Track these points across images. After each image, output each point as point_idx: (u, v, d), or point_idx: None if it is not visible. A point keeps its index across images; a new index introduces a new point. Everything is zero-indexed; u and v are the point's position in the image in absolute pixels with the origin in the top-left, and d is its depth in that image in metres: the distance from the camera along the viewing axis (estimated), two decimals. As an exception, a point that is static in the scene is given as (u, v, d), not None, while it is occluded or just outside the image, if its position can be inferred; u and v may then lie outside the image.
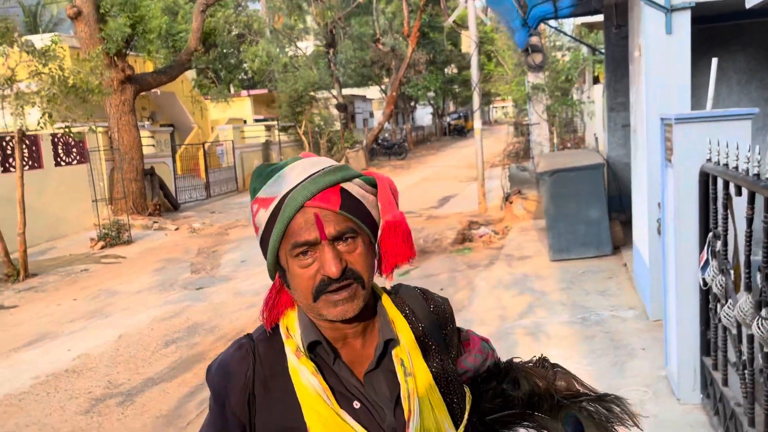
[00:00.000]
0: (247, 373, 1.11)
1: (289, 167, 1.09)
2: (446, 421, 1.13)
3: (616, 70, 8.90)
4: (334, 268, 1.02)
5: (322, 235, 1.03)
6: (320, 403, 1.06)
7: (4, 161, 11.15)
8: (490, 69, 33.83)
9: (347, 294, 1.04)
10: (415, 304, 1.22)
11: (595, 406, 1.28)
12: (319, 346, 1.10)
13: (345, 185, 1.07)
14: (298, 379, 1.08)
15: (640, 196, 5.50)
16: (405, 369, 1.11)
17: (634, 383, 4.07)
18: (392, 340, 1.13)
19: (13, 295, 8.37)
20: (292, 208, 1.04)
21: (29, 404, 4.95)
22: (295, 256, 1.05)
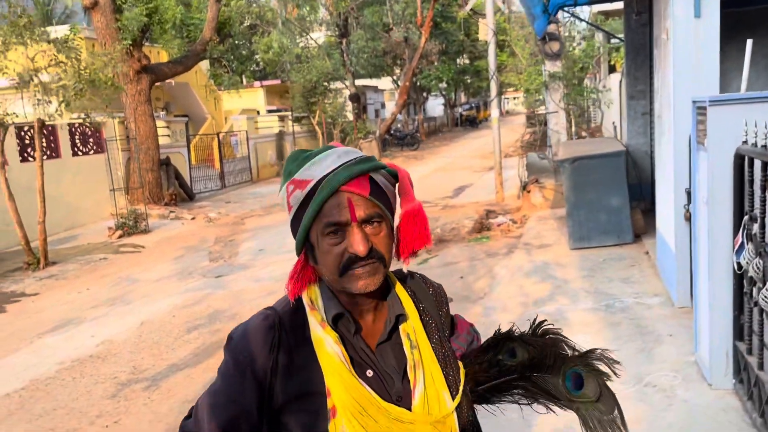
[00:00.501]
0: (273, 341, 1.19)
1: (324, 154, 1.19)
2: (445, 392, 1.23)
3: (635, 57, 8.81)
4: (362, 247, 1.13)
5: (353, 217, 1.14)
6: (343, 369, 1.16)
7: (23, 151, 11.23)
8: (502, 60, 33.62)
9: (370, 269, 1.15)
10: (417, 286, 1.34)
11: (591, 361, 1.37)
12: (342, 319, 1.20)
13: (373, 174, 1.18)
14: (321, 348, 1.17)
15: (665, 183, 5.45)
16: (411, 342, 1.23)
17: (663, 369, 4.04)
18: (402, 315, 1.24)
19: (34, 282, 8.45)
20: (327, 191, 1.14)
21: (56, 389, 5.00)
22: (326, 234, 1.15)
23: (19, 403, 4.78)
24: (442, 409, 1.22)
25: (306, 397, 1.17)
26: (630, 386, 3.87)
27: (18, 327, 6.67)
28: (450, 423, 1.23)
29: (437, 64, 32.35)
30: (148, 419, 4.36)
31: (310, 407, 1.17)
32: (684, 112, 4.53)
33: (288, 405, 1.19)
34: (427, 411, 1.20)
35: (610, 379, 1.37)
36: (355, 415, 1.15)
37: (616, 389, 1.33)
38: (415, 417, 1.19)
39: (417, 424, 1.19)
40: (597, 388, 1.35)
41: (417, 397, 1.20)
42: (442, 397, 1.23)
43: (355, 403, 1.16)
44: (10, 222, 9.59)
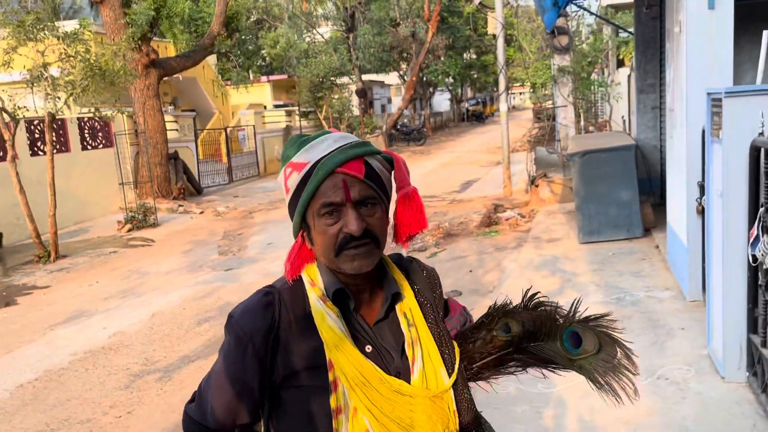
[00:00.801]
0: (273, 316, 1.21)
1: (321, 138, 1.24)
2: (442, 369, 1.27)
3: (645, 50, 8.77)
4: (357, 227, 1.16)
5: (347, 197, 1.18)
6: (345, 342, 1.19)
7: (33, 145, 11.28)
8: (509, 54, 33.49)
9: (364, 251, 1.18)
10: (411, 268, 1.38)
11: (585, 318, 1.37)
12: (342, 295, 1.24)
13: (368, 158, 1.22)
14: (322, 322, 1.20)
15: (677, 176, 5.43)
16: (408, 321, 1.27)
17: (675, 362, 4.04)
18: (398, 294, 1.28)
19: (45, 275, 8.50)
20: (323, 172, 1.18)
21: (69, 380, 5.04)
22: (322, 215, 1.19)
23: (33, 393, 4.82)
24: (439, 385, 1.25)
25: (307, 371, 1.20)
26: (643, 379, 3.87)
27: (30, 319, 6.72)
28: (447, 399, 1.26)
29: (444, 59, 32.28)
30: (161, 410, 4.39)
31: (312, 381, 1.20)
32: (697, 105, 4.51)
33: (289, 380, 1.21)
34: (425, 386, 1.23)
35: (608, 330, 1.35)
36: (358, 385, 1.18)
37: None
38: (415, 391, 1.22)
39: (416, 398, 1.22)
40: (595, 340, 1.34)
41: (416, 373, 1.23)
42: (439, 373, 1.26)
43: (358, 374, 1.18)
44: (20, 216, 9.65)
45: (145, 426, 4.17)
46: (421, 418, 1.21)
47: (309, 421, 1.20)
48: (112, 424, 4.22)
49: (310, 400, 1.20)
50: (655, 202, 8.16)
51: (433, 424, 1.22)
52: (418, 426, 1.21)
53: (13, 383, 5.03)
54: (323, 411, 1.19)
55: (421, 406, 1.22)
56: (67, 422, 4.30)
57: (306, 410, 1.21)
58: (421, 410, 1.22)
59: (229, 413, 1.26)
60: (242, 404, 1.25)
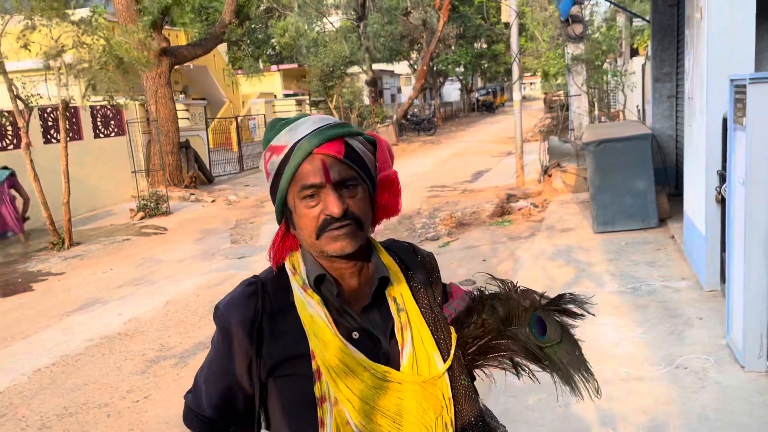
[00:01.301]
0: (256, 307, 1.20)
1: (300, 121, 1.21)
2: (435, 354, 1.23)
3: (662, 39, 8.67)
4: (337, 209, 1.14)
5: (327, 178, 1.15)
6: (325, 331, 1.17)
7: (46, 133, 11.33)
8: (521, 44, 33.27)
9: (346, 231, 1.16)
10: (405, 254, 1.34)
11: (556, 307, 1.36)
12: (324, 283, 1.21)
13: (348, 139, 1.19)
14: (304, 311, 1.19)
15: (695, 165, 5.38)
16: (398, 305, 1.23)
17: (694, 351, 4.01)
18: (386, 278, 1.24)
19: (60, 262, 8.56)
20: (301, 154, 1.16)
21: (86, 365, 5.07)
22: (302, 198, 1.16)
23: (51, 378, 4.86)
24: (432, 371, 1.21)
25: (291, 360, 1.19)
26: (661, 368, 3.85)
27: (46, 305, 6.77)
28: (441, 385, 1.22)
29: (454, 48, 32.10)
30: (177, 395, 4.41)
31: (296, 370, 1.18)
32: (718, 92, 4.46)
33: (275, 369, 1.20)
34: (416, 371, 1.20)
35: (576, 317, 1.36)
36: (340, 375, 1.16)
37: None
38: (403, 377, 1.19)
39: (405, 384, 1.19)
40: (558, 329, 1.34)
41: (405, 358, 1.20)
42: (432, 358, 1.22)
43: (339, 364, 1.16)
44: (34, 203, 9.71)
45: (161, 410, 4.19)
46: (411, 406, 1.18)
47: (298, 409, 1.20)
48: (130, 409, 4.25)
49: (297, 389, 1.19)
50: (671, 193, 8.09)
51: (423, 411, 1.19)
52: (407, 414, 1.18)
53: (31, 368, 5.08)
54: (309, 400, 1.17)
55: (410, 393, 1.18)
56: (85, 406, 4.33)
57: (294, 399, 1.20)
58: (410, 397, 1.18)
59: (223, 403, 1.28)
60: (233, 394, 1.26)
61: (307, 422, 1.18)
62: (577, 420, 3.40)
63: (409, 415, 1.18)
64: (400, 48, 30.53)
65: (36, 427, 4.09)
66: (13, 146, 10.52)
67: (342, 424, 1.16)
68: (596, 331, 4.51)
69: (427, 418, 1.19)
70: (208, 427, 1.31)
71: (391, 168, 1.25)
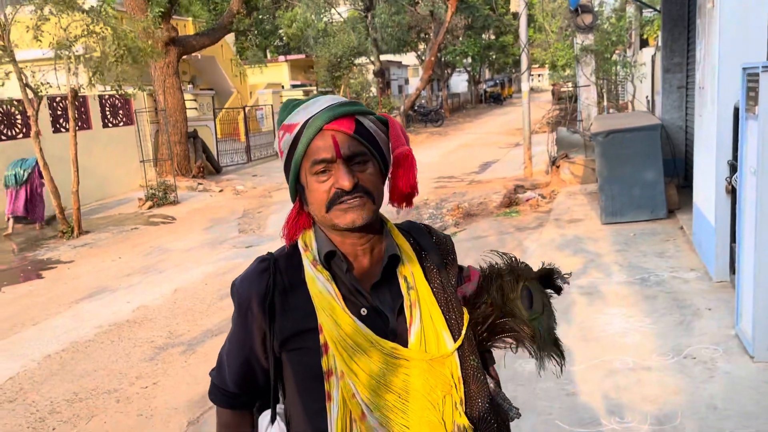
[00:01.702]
0: (268, 282, 1.24)
1: (312, 100, 1.24)
2: (445, 333, 1.24)
3: (673, 29, 8.60)
4: (347, 182, 1.16)
5: (337, 153, 1.18)
6: (334, 306, 1.19)
7: (55, 122, 11.37)
8: (530, 35, 33.03)
9: (357, 203, 1.18)
10: (419, 234, 1.36)
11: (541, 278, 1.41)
12: (334, 259, 1.24)
13: (359, 117, 1.21)
14: (314, 286, 1.22)
15: (705, 155, 5.34)
16: (408, 283, 1.25)
17: (702, 341, 4.00)
18: (396, 256, 1.26)
19: (69, 250, 8.61)
20: (312, 131, 1.18)
21: (95, 351, 5.11)
22: (314, 173, 1.19)
23: (60, 363, 4.90)
24: (440, 349, 1.22)
25: (301, 334, 1.22)
26: (669, 358, 3.85)
27: (55, 293, 6.81)
28: (450, 364, 1.23)
29: (462, 39, 31.93)
30: (186, 381, 4.44)
31: (306, 344, 1.21)
32: (730, 82, 4.43)
33: (286, 344, 1.23)
34: (423, 349, 1.21)
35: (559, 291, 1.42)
36: (346, 349, 1.18)
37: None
38: (411, 354, 1.20)
39: (413, 361, 1.20)
40: (541, 301, 1.37)
41: (413, 335, 1.21)
42: (441, 337, 1.23)
43: (346, 338, 1.18)
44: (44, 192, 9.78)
45: (170, 397, 4.22)
46: (417, 383, 1.19)
47: (307, 383, 1.23)
48: (139, 395, 4.28)
49: (307, 363, 1.22)
50: (680, 184, 8.05)
51: (430, 388, 1.20)
52: (413, 391, 1.19)
53: (41, 354, 5.12)
54: (318, 374, 1.20)
55: (417, 370, 1.20)
56: (95, 392, 4.36)
57: (304, 373, 1.23)
58: (417, 374, 1.20)
59: (243, 377, 1.31)
60: (252, 368, 1.29)
61: (317, 395, 1.21)
62: (584, 409, 3.41)
63: (416, 392, 1.20)
64: (408, 39, 30.38)
65: (46, 412, 4.13)
66: (22, 135, 10.56)
67: (348, 397, 1.19)
68: (604, 322, 4.51)
69: (434, 395, 1.20)
70: (232, 401, 1.34)
71: (404, 145, 1.27)
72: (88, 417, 4.03)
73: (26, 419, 4.06)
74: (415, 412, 1.19)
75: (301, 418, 1.25)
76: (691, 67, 7.89)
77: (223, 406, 1.35)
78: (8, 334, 5.63)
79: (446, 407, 1.21)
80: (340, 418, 1.18)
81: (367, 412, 1.18)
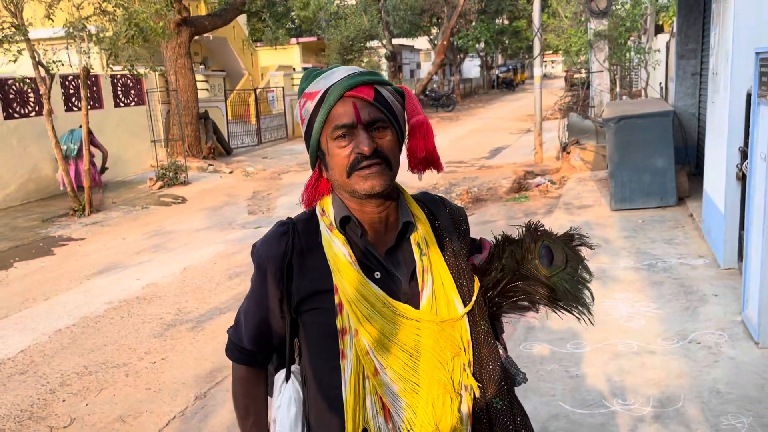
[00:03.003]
0: (287, 245, 1.29)
1: (333, 69, 1.28)
2: (456, 298, 1.29)
3: (688, 14, 8.49)
4: (367, 147, 1.20)
5: (358, 119, 1.22)
6: (348, 268, 1.24)
7: (67, 101, 11.43)
8: (543, 20, 32.67)
9: (376, 170, 1.22)
10: (434, 205, 1.41)
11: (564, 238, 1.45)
12: (349, 224, 1.28)
13: (378, 86, 1.26)
14: (330, 249, 1.27)
15: (717, 141, 5.30)
16: (421, 250, 1.30)
17: (708, 327, 4.01)
18: (410, 223, 1.30)
19: (80, 228, 8.69)
20: (334, 97, 1.23)
21: (105, 326, 5.18)
22: (335, 138, 1.23)
23: (71, 338, 4.98)
24: (451, 313, 1.27)
25: (317, 295, 1.27)
26: (674, 343, 3.85)
27: (67, 269, 6.90)
28: (459, 328, 1.28)
29: (475, 24, 31.67)
30: (194, 357, 4.50)
31: (320, 304, 1.26)
32: (743, 67, 4.38)
33: (302, 304, 1.29)
34: (434, 312, 1.26)
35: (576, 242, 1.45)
36: (360, 309, 1.23)
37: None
38: (421, 315, 1.25)
39: (423, 323, 1.25)
40: (563, 255, 1.41)
41: (424, 298, 1.26)
42: (452, 301, 1.28)
43: (361, 299, 1.23)
44: (56, 169, 9.85)
45: (178, 372, 4.28)
46: (428, 343, 1.24)
47: (324, 341, 1.27)
48: (147, 369, 4.35)
49: (322, 323, 1.27)
50: (691, 172, 7.99)
51: (440, 349, 1.25)
52: (424, 350, 1.24)
53: (51, 328, 5.20)
54: (332, 333, 1.25)
55: (427, 331, 1.24)
56: (104, 365, 4.43)
57: (318, 332, 1.28)
58: (427, 335, 1.24)
59: (260, 335, 1.37)
60: (268, 326, 1.35)
61: (331, 354, 1.26)
62: (587, 391, 3.43)
63: (426, 352, 1.24)
64: (420, 23, 30.18)
65: (56, 384, 4.20)
66: (35, 113, 10.63)
67: (362, 354, 1.23)
68: (609, 306, 4.52)
69: (443, 356, 1.25)
70: (247, 358, 1.40)
71: (420, 114, 1.31)
72: (97, 390, 4.10)
73: (36, 390, 4.13)
74: (425, 371, 1.24)
75: (316, 376, 1.30)
76: (705, 54, 7.79)
77: (239, 362, 1.41)
78: (20, 309, 5.71)
79: (455, 367, 1.26)
80: (353, 375, 1.23)
81: (380, 369, 1.23)
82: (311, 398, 1.32)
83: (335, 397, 1.26)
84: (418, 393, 1.23)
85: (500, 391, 1.31)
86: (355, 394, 1.23)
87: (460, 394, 1.26)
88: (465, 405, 1.26)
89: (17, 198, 10.29)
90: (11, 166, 10.22)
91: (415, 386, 1.23)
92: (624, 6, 16.43)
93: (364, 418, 1.23)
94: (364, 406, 1.23)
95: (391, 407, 1.23)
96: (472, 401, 1.27)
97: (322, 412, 1.30)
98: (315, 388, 1.31)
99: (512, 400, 1.34)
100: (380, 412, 1.23)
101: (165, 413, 3.76)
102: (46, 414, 3.84)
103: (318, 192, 1.36)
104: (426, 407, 1.22)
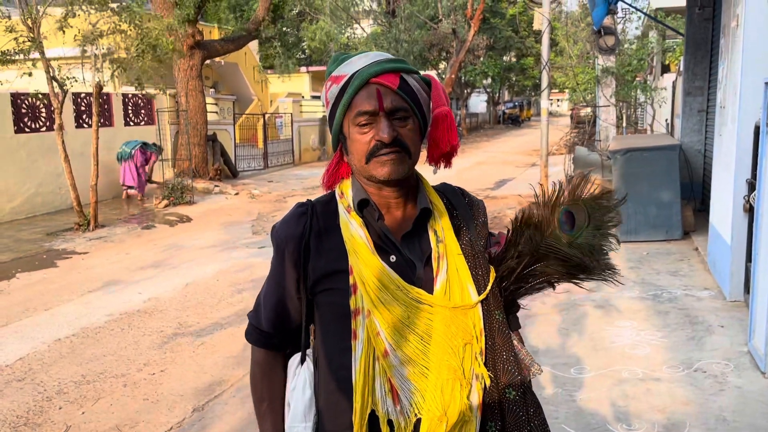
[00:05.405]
0: (305, 225, 1.30)
1: (360, 55, 1.29)
2: (470, 286, 1.29)
3: (695, 52, 8.61)
4: (387, 135, 1.21)
5: (380, 106, 1.22)
6: (364, 250, 1.25)
7: (78, 117, 11.55)
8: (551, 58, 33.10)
9: (395, 157, 1.23)
10: (453, 195, 1.41)
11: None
12: (367, 207, 1.29)
13: (404, 75, 1.26)
14: (347, 231, 1.28)
15: (724, 174, 5.32)
16: (438, 237, 1.30)
17: (714, 356, 3.97)
18: (428, 210, 1.31)
19: (84, 242, 8.69)
20: (359, 83, 1.23)
21: (105, 337, 5.15)
22: (357, 124, 1.24)
23: (70, 347, 4.94)
24: (464, 300, 1.27)
25: (333, 275, 1.28)
26: (679, 371, 3.81)
27: (69, 281, 6.88)
28: (472, 316, 1.28)
29: (483, 60, 32.09)
30: (193, 370, 4.46)
31: (336, 285, 1.27)
32: (751, 99, 4.42)
33: (318, 283, 1.29)
34: (447, 298, 1.26)
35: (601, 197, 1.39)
36: (373, 290, 1.23)
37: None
38: (434, 300, 1.25)
39: (436, 308, 1.25)
40: (585, 213, 1.37)
41: (438, 284, 1.26)
42: (466, 289, 1.28)
43: (375, 280, 1.24)
44: (62, 185, 9.89)
45: (177, 384, 4.24)
46: (439, 328, 1.24)
47: (337, 321, 1.27)
48: (146, 380, 4.30)
49: (336, 303, 1.27)
50: (696, 207, 8.00)
51: (452, 335, 1.24)
52: (435, 335, 1.24)
53: (51, 337, 5.16)
54: (346, 313, 1.25)
55: (440, 317, 1.24)
56: (103, 375, 4.39)
57: (334, 312, 1.28)
58: (439, 320, 1.24)
59: (277, 316, 1.37)
60: (286, 307, 1.36)
61: (344, 334, 1.26)
62: (590, 415, 3.38)
63: (438, 337, 1.24)
64: (428, 57, 30.57)
65: (53, 392, 4.16)
66: (45, 128, 10.73)
67: (373, 335, 1.23)
68: (614, 333, 4.48)
69: (455, 342, 1.25)
70: (265, 341, 1.41)
71: (445, 105, 1.31)
72: (94, 399, 4.05)
73: (33, 398, 4.09)
74: (436, 355, 1.23)
75: (327, 356, 1.30)
76: (712, 92, 7.88)
77: (257, 345, 1.41)
78: (20, 318, 5.69)
79: (466, 355, 1.25)
80: (364, 355, 1.23)
81: (390, 350, 1.23)
82: (322, 380, 1.32)
83: (345, 378, 1.25)
84: (427, 377, 1.22)
85: (513, 382, 1.29)
86: (365, 375, 1.23)
87: (471, 383, 1.24)
88: (475, 394, 1.24)
89: (23, 211, 10.33)
90: (19, 180, 10.28)
91: (424, 370, 1.23)
92: (632, 46, 16.68)
93: (372, 399, 1.23)
94: (373, 387, 1.23)
95: (399, 390, 1.22)
96: (484, 391, 1.26)
97: (331, 393, 1.29)
98: (326, 369, 1.31)
99: (526, 391, 1.32)
100: (389, 394, 1.23)
101: (162, 424, 3.71)
102: (42, 421, 3.79)
103: (338, 175, 1.37)
104: (434, 392, 1.21)
